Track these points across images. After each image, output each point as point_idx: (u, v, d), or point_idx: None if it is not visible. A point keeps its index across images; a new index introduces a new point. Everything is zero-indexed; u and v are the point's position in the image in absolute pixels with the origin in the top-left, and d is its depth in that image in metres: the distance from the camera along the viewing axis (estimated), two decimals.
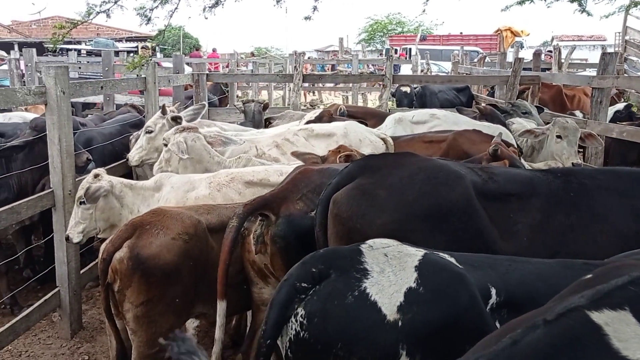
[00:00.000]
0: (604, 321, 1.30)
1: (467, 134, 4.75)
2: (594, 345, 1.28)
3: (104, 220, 3.74)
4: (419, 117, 5.87)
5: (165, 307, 2.78)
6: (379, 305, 1.72)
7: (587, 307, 1.34)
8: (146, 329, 2.76)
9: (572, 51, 15.40)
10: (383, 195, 2.54)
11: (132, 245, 2.75)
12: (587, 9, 7.83)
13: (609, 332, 1.29)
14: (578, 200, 2.64)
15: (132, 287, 2.72)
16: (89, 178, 3.74)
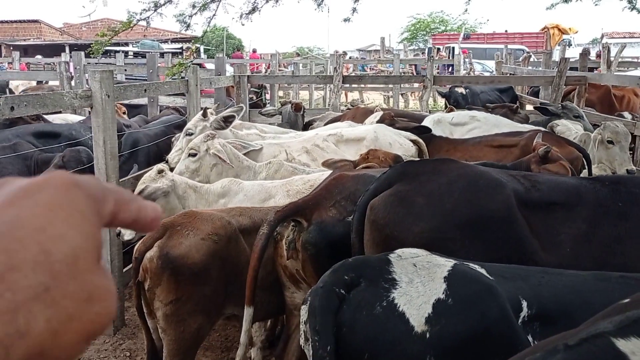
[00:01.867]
0: (630, 350, 1.23)
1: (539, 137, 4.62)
2: None
3: None
4: (459, 118, 5.75)
5: (194, 306, 2.82)
6: (407, 316, 1.70)
7: (614, 334, 1.26)
8: (175, 327, 2.82)
9: (622, 49, 14.84)
10: (421, 203, 2.50)
11: (162, 245, 2.81)
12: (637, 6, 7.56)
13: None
14: (627, 210, 2.54)
15: (161, 285, 2.78)
16: (152, 173, 3.68)
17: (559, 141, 4.62)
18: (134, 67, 12.61)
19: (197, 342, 3.05)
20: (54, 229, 0.41)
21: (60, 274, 0.40)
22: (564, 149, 4.51)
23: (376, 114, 6.14)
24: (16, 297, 0.38)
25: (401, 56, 23.29)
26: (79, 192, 0.44)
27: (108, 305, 0.43)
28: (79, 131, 5.74)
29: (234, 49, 33.59)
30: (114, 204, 0.47)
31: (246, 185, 3.70)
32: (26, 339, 0.38)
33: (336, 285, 1.81)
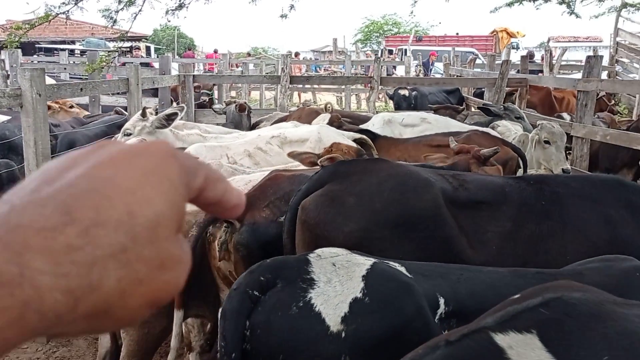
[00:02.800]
0: (507, 344, 1.26)
1: (477, 138, 4.69)
2: None
3: None
4: (409, 120, 5.80)
5: (159, 308, 2.75)
6: (323, 316, 1.69)
7: (493, 329, 1.29)
8: (139, 329, 2.80)
9: (563, 53, 15.39)
10: (351, 203, 2.50)
11: None
12: (575, 10, 7.83)
13: (512, 355, 1.25)
14: (550, 209, 2.61)
15: None
16: None
17: (495, 141, 4.72)
18: (73, 66, 12.21)
19: (158, 344, 3.04)
20: (143, 193, 0.42)
21: (140, 237, 0.41)
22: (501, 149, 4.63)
23: (324, 116, 6.14)
24: (95, 252, 0.39)
25: (353, 57, 23.44)
26: (174, 162, 0.45)
27: (178, 276, 0.44)
28: (13, 131, 5.51)
29: (185, 48, 33.06)
30: (204, 180, 0.48)
31: None
32: (95, 294, 0.39)
33: (250, 287, 1.78)
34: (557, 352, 1.25)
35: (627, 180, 3.03)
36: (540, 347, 1.25)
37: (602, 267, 1.99)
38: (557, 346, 1.26)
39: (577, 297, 1.40)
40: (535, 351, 1.25)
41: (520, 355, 1.24)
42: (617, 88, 7.95)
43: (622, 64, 15.43)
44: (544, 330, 1.29)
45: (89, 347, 4.26)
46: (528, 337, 1.27)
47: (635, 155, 6.54)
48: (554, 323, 1.31)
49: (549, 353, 1.25)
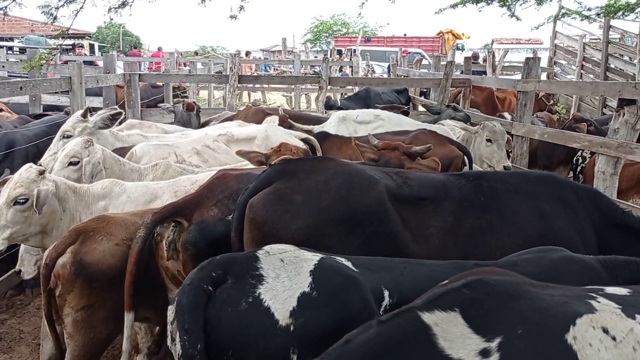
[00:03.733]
0: (433, 321, 1.40)
1: (424, 137, 4.79)
2: (420, 344, 1.36)
3: (41, 225, 3.37)
4: (363, 117, 5.90)
5: (106, 312, 2.78)
6: (272, 311, 1.73)
7: (420, 308, 1.43)
8: (85, 333, 2.76)
9: (504, 54, 15.92)
10: (298, 200, 2.54)
11: (75, 251, 2.74)
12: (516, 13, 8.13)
13: (437, 331, 1.38)
14: (488, 204, 2.73)
15: (73, 292, 2.72)
16: (31, 175, 3.31)
17: (441, 140, 4.86)
18: (12, 64, 11.75)
19: (104, 349, 2.99)
20: None
21: None
22: (446, 147, 4.76)
23: (272, 118, 6.15)
24: None
25: (302, 57, 23.49)
26: None
27: None
28: None
29: (131, 46, 32.30)
30: None
31: (129, 187, 3.55)
32: None
33: (204, 281, 1.80)
34: (477, 327, 1.40)
35: (561, 177, 3.20)
36: (462, 324, 1.40)
37: (534, 257, 2.13)
38: (477, 322, 1.41)
39: (496, 279, 1.56)
40: (458, 327, 1.39)
41: (444, 331, 1.38)
42: (554, 89, 8.30)
43: (560, 65, 16.09)
44: (466, 308, 1.43)
45: (32, 353, 4.15)
46: (452, 314, 1.42)
47: (570, 153, 6.86)
48: (474, 302, 1.45)
49: (470, 328, 1.39)
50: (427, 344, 1.35)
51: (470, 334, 1.38)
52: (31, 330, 4.47)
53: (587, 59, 14.13)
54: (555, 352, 1.34)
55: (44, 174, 3.40)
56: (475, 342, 1.36)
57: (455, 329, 1.38)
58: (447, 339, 1.36)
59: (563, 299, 1.47)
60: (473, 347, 1.35)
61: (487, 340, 1.36)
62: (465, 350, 1.35)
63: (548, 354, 1.34)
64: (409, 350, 1.35)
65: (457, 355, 1.34)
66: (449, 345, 1.35)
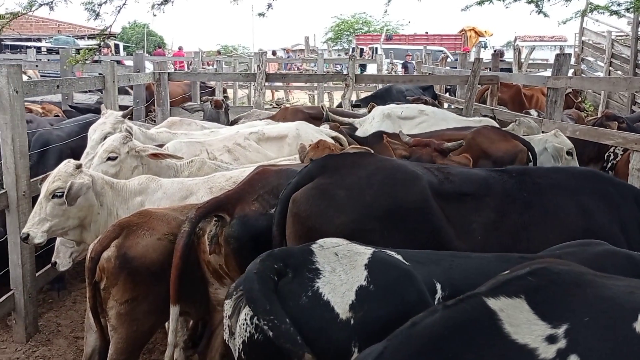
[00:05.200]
0: (499, 307, 1.40)
1: (486, 132, 4.72)
2: (486, 328, 1.37)
3: (79, 219, 3.43)
4: (408, 112, 5.80)
5: (149, 306, 2.84)
6: (331, 305, 1.75)
7: (485, 294, 1.44)
8: (128, 326, 2.82)
9: (531, 51, 15.74)
10: (342, 195, 2.56)
11: (119, 245, 2.81)
12: (543, 9, 8.01)
13: (503, 317, 1.39)
14: (531, 199, 2.71)
15: (118, 285, 2.79)
16: (69, 169, 3.39)
17: (504, 135, 4.75)
18: (45, 64, 11.97)
19: (146, 341, 3.07)
20: None
21: None
22: (509, 142, 4.65)
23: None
24: None
25: (325, 56, 23.51)
26: None
27: None
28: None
29: (155, 46, 32.62)
30: None
31: (165, 183, 3.60)
32: None
33: (270, 271, 1.83)
34: (543, 314, 1.40)
35: (603, 173, 3.16)
36: (528, 310, 1.40)
37: (577, 250, 2.12)
38: (543, 309, 1.41)
39: (561, 268, 1.56)
40: (523, 313, 1.40)
41: (510, 317, 1.38)
42: (586, 85, 8.19)
43: (587, 62, 15.86)
44: (532, 295, 1.43)
45: (70, 346, 4.22)
46: (517, 301, 1.42)
47: (600, 151, 6.77)
48: (540, 289, 1.45)
49: (535, 315, 1.40)
50: (493, 328, 1.36)
51: (536, 320, 1.38)
52: (68, 323, 4.56)
53: (615, 56, 13.90)
54: (623, 340, 1.33)
55: (81, 168, 3.48)
56: (541, 328, 1.36)
57: (520, 315, 1.38)
58: (512, 325, 1.36)
59: (629, 289, 1.46)
60: (539, 332, 1.35)
61: (554, 327, 1.36)
62: (531, 336, 1.35)
63: (615, 342, 1.33)
64: (474, 334, 1.36)
65: (524, 340, 1.34)
66: (514, 331, 1.35)
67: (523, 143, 4.65)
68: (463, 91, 8.77)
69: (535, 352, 1.33)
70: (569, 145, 4.95)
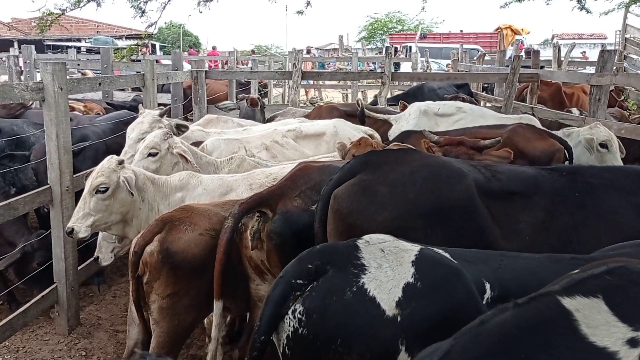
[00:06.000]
0: (574, 307, 1.32)
1: (522, 131, 4.60)
2: (561, 329, 1.29)
3: (121, 214, 3.52)
4: (445, 109, 5.70)
5: (190, 300, 2.87)
6: (377, 301, 1.71)
7: (560, 293, 1.36)
8: (170, 320, 2.86)
9: (571, 49, 15.35)
10: (384, 192, 2.51)
11: (162, 240, 2.85)
12: (586, 6, 7.81)
13: (579, 317, 1.30)
14: (583, 199, 2.61)
15: (160, 279, 2.82)
16: (112, 165, 3.48)
17: (540, 133, 4.62)
18: (86, 63, 12.24)
19: (187, 336, 3.10)
20: None
21: None
22: (546, 141, 4.53)
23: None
24: None
25: (359, 54, 23.42)
26: None
27: None
28: (21, 127, 5.51)
29: (190, 46, 33.07)
30: None
31: (205, 179, 3.62)
32: None
33: (295, 276, 1.82)
34: (623, 316, 1.30)
35: None
36: (606, 311, 1.31)
37: (632, 252, 2.02)
38: (623, 310, 1.31)
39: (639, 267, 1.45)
40: (601, 314, 1.31)
41: (587, 317, 1.30)
42: (632, 82, 7.91)
43: (630, 60, 15.38)
44: (610, 295, 1.34)
45: (110, 339, 4.29)
46: (594, 301, 1.33)
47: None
48: (619, 288, 1.36)
49: (615, 316, 1.31)
50: (569, 329, 1.28)
51: (616, 322, 1.30)
52: (108, 317, 4.63)
53: None
54: None
55: (123, 163, 3.55)
56: (621, 330, 1.28)
57: (598, 316, 1.30)
58: (590, 326, 1.29)
59: None
60: (619, 335, 1.27)
61: (636, 329, 1.28)
62: (611, 338, 1.27)
63: None
64: (548, 335, 1.28)
65: (602, 343, 1.26)
66: (592, 332, 1.28)
67: (560, 141, 4.52)
68: (501, 89, 8.59)
69: (615, 356, 1.25)
70: (603, 136, 4.66)
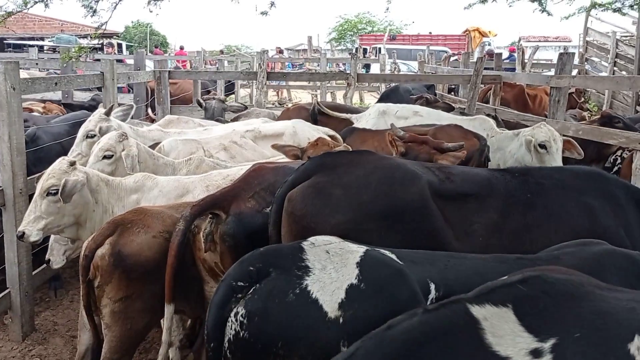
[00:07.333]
0: (483, 315, 1.32)
1: (447, 129, 4.71)
2: (466, 337, 1.29)
3: (74, 217, 3.42)
4: (403, 112, 5.80)
5: (143, 304, 2.81)
6: (320, 303, 1.71)
7: (470, 301, 1.36)
8: (122, 325, 2.79)
9: (534, 51, 15.65)
10: (338, 194, 2.50)
11: (113, 243, 2.78)
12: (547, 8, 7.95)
13: (486, 326, 1.31)
14: (535, 200, 2.65)
15: (112, 283, 2.76)
16: (63, 166, 3.38)
17: (465, 133, 4.75)
18: (46, 62, 11.96)
19: (140, 340, 3.03)
20: None
21: None
22: (470, 141, 4.64)
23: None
24: None
25: (328, 55, 23.45)
26: None
27: None
28: None
29: (156, 45, 32.63)
30: None
31: (161, 181, 3.55)
32: None
33: (235, 278, 1.80)
34: (530, 326, 1.31)
35: (606, 173, 3.09)
36: (514, 321, 1.32)
37: (576, 250, 2.07)
38: (531, 320, 1.32)
39: (557, 277, 1.46)
40: (509, 324, 1.31)
41: (494, 327, 1.30)
42: (590, 84, 8.10)
43: (592, 62, 15.75)
44: (520, 305, 1.34)
45: (66, 345, 4.19)
46: (503, 310, 1.33)
47: (601, 151, 6.70)
48: (530, 299, 1.36)
49: (522, 326, 1.31)
50: (474, 337, 1.28)
51: (522, 332, 1.30)
52: (65, 322, 4.52)
53: (620, 55, 13.80)
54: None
55: (75, 165, 3.45)
56: (526, 341, 1.29)
57: (505, 326, 1.30)
58: (496, 335, 1.29)
59: (632, 305, 1.37)
60: (523, 345, 1.28)
61: (540, 340, 1.28)
62: (514, 348, 1.27)
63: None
64: (452, 342, 1.29)
65: (505, 352, 1.26)
66: (497, 342, 1.28)
67: (481, 142, 4.62)
68: (466, 91, 8.70)
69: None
70: (542, 137, 4.67)
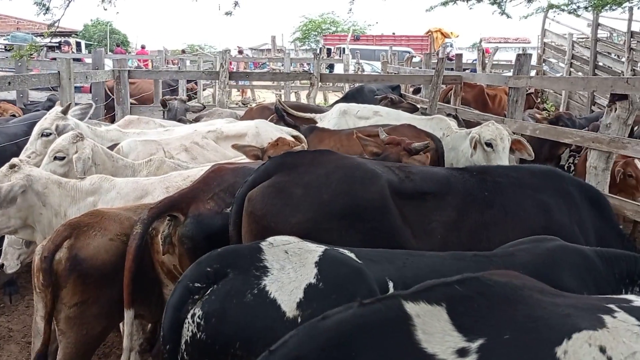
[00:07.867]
0: (416, 312, 1.34)
1: (401, 129, 4.78)
2: (396, 332, 1.31)
3: (21, 219, 3.31)
4: (363, 112, 5.89)
5: (99, 309, 2.73)
6: (278, 303, 1.70)
7: (405, 297, 1.38)
8: (77, 330, 2.71)
9: (494, 52, 15.96)
10: (299, 194, 2.50)
11: (70, 246, 2.69)
12: (506, 11, 8.13)
13: (417, 323, 1.33)
14: (492, 198, 2.69)
15: (67, 287, 2.67)
16: (3, 169, 3.28)
17: (419, 133, 4.85)
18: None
19: (96, 346, 2.94)
20: None
21: None
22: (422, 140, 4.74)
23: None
24: None
25: (291, 55, 23.42)
26: None
27: None
28: None
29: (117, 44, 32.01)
30: None
31: (119, 183, 3.47)
32: None
33: (192, 279, 1.79)
34: (461, 326, 1.33)
35: (562, 171, 3.17)
36: (446, 320, 1.34)
37: (530, 247, 2.13)
38: (462, 320, 1.34)
39: (495, 280, 1.49)
40: (440, 322, 1.33)
41: (425, 324, 1.32)
42: (546, 84, 8.31)
43: (549, 63, 16.17)
44: (454, 304, 1.37)
45: (22, 352, 4.07)
46: (437, 308, 1.35)
47: (552, 150, 6.91)
48: (465, 299, 1.39)
49: (453, 325, 1.33)
50: (404, 333, 1.30)
51: (452, 331, 1.32)
52: (20, 328, 4.39)
53: (576, 57, 14.20)
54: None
55: (15, 168, 3.33)
56: (455, 340, 1.30)
57: (437, 324, 1.32)
58: (426, 332, 1.31)
59: (567, 310, 1.39)
60: (451, 344, 1.30)
61: (468, 340, 1.30)
62: (442, 346, 1.29)
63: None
64: (382, 337, 1.30)
65: (432, 350, 1.28)
66: (426, 339, 1.30)
67: (435, 142, 4.74)
68: (427, 91, 8.81)
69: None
70: (488, 135, 4.68)
